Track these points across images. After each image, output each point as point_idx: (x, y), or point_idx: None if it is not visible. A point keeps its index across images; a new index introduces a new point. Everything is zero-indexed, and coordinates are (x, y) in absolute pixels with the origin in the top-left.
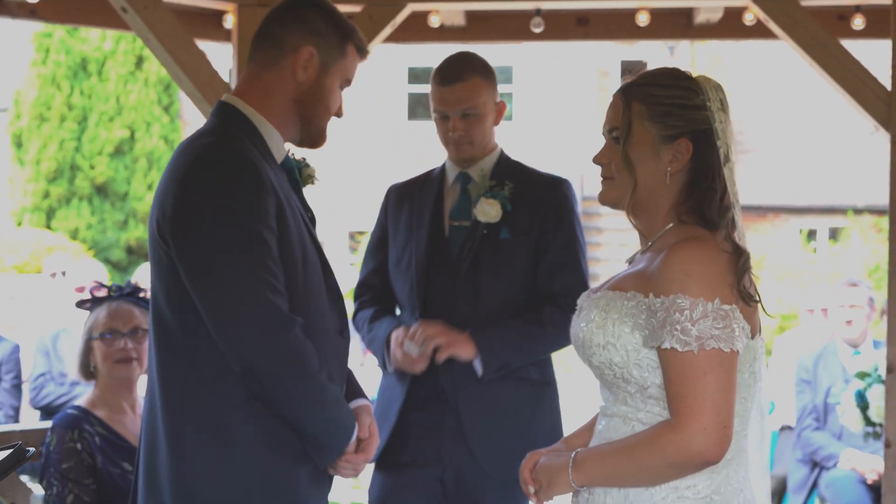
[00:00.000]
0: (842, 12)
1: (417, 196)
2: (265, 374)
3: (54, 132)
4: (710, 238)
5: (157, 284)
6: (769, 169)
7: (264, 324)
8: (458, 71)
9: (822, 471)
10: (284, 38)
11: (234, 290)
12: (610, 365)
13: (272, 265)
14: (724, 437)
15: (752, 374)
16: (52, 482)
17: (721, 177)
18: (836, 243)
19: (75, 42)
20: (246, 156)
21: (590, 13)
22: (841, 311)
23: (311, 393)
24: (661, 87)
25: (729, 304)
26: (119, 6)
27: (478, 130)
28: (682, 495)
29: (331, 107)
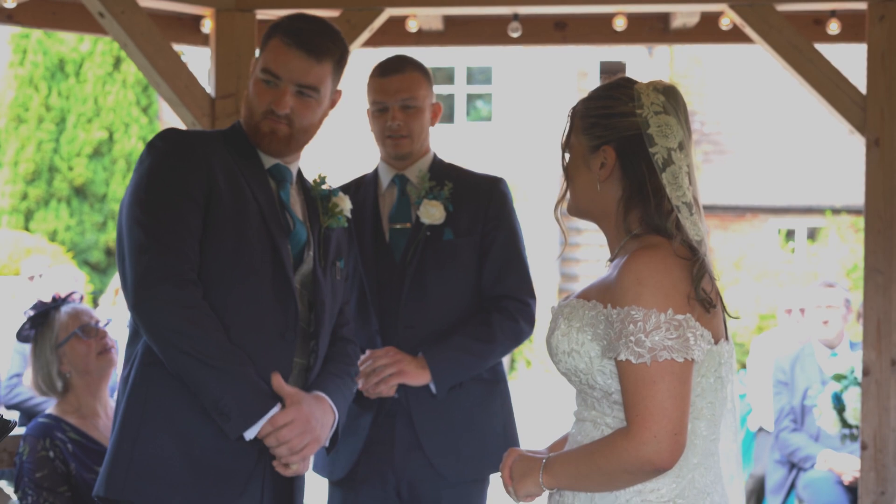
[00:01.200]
0: (817, 17)
1: (355, 200)
2: (143, 329)
3: (32, 133)
4: (667, 245)
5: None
6: (748, 169)
7: (137, 276)
8: (397, 64)
9: (800, 472)
10: None
11: (129, 241)
12: (575, 372)
13: (177, 225)
14: (675, 444)
15: (719, 379)
16: (26, 492)
17: (654, 183)
18: (815, 243)
19: (53, 43)
20: (184, 136)
21: (567, 17)
22: (817, 311)
23: (192, 349)
24: (592, 98)
25: (683, 314)
26: (96, 11)
27: (416, 124)
28: (645, 499)
29: (254, 102)
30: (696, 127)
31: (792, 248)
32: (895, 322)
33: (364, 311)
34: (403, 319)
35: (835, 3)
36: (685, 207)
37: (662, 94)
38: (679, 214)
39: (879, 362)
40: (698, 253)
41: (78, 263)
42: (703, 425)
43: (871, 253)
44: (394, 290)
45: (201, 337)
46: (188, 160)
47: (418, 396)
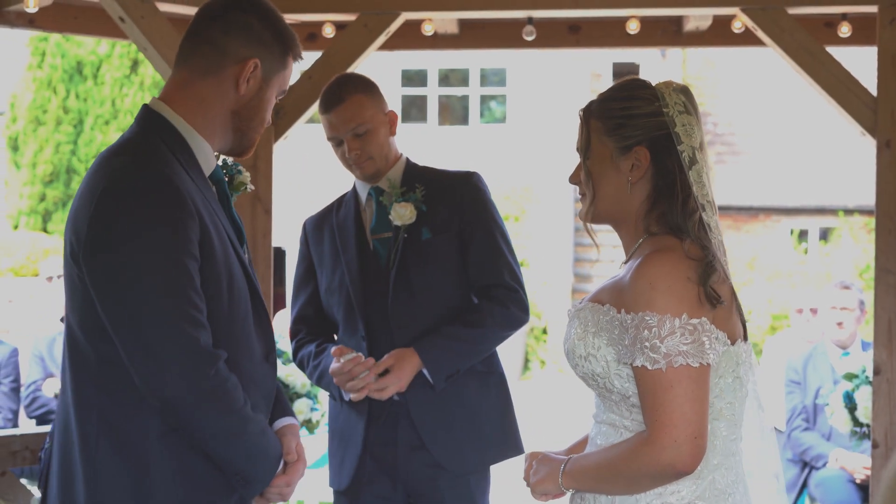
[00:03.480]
0: (828, 20)
1: (335, 221)
2: (184, 411)
3: (50, 136)
4: (678, 248)
5: (71, 309)
6: (760, 170)
7: (183, 361)
8: (337, 94)
9: (812, 470)
10: (228, 46)
11: (152, 324)
12: (593, 376)
13: (194, 296)
14: (695, 447)
15: (738, 379)
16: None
17: (683, 181)
18: (827, 244)
19: (71, 46)
20: (165, 177)
21: (581, 21)
22: (832, 312)
23: (234, 428)
24: (614, 100)
25: (697, 318)
26: (117, 16)
27: (373, 145)
28: (666, 501)
29: (265, 119)
30: (709, 128)
31: (805, 248)
32: None
33: (352, 321)
34: (394, 320)
35: (846, 7)
36: (709, 206)
37: (682, 94)
38: (704, 213)
39: (890, 362)
40: (708, 252)
41: None
42: (722, 426)
43: (882, 253)
44: (381, 294)
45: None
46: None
47: (417, 396)
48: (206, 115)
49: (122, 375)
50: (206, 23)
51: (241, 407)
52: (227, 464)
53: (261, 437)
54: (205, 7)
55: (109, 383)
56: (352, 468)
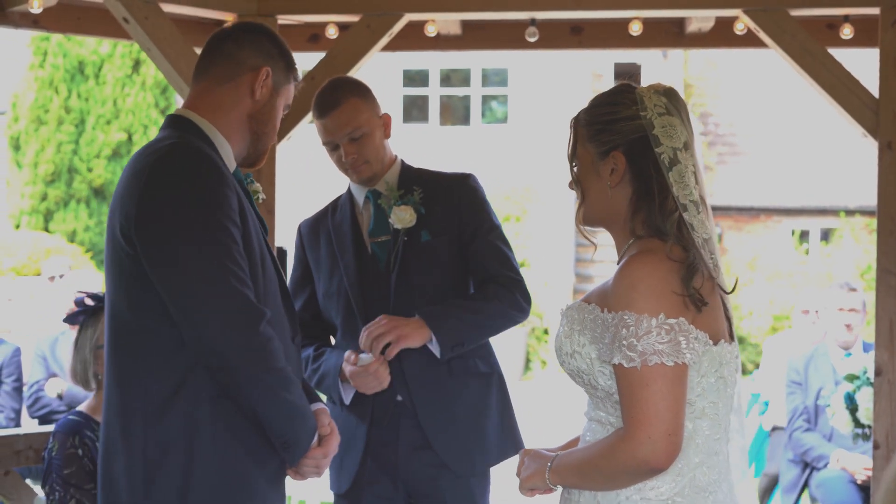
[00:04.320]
0: (831, 22)
1: (331, 225)
2: (234, 365)
3: (52, 135)
4: (661, 250)
5: (117, 292)
6: (762, 170)
7: (233, 313)
8: (332, 99)
9: (813, 471)
10: (242, 56)
11: (203, 281)
12: (578, 373)
13: (238, 257)
14: (670, 445)
15: (721, 379)
16: (54, 487)
17: (660, 182)
18: (828, 244)
19: (72, 46)
20: (205, 154)
21: (583, 22)
22: (839, 314)
23: (278, 385)
24: (596, 107)
25: (675, 318)
26: (120, 16)
27: (369, 149)
28: (645, 496)
29: (276, 126)
30: (711, 129)
31: (806, 249)
32: None
33: (352, 326)
34: None
35: (848, 9)
36: (692, 206)
37: (664, 96)
38: (686, 213)
39: (892, 362)
40: (690, 252)
41: (97, 264)
42: (705, 425)
43: (884, 254)
44: (382, 297)
45: (288, 374)
46: (223, 182)
47: (421, 395)
48: (227, 118)
49: (169, 350)
50: (219, 41)
51: (284, 367)
52: (270, 424)
53: (301, 400)
54: (217, 31)
55: (156, 359)
56: (352, 471)
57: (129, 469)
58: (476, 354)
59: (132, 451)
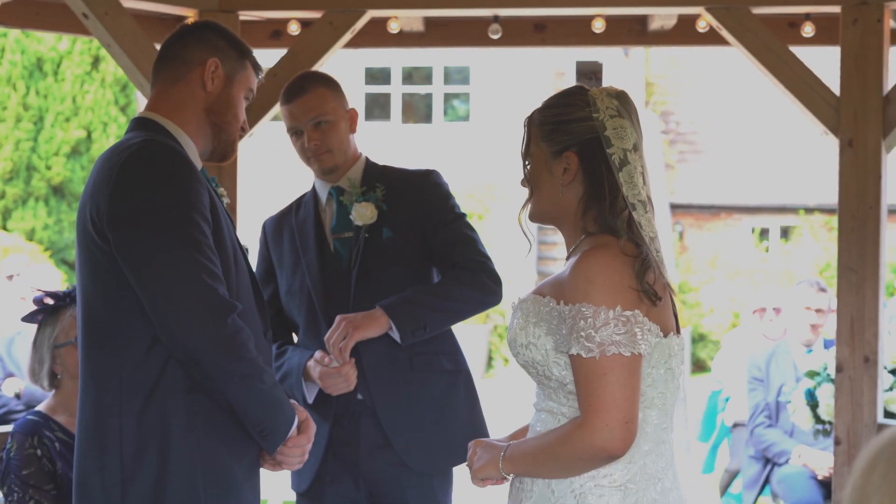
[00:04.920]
0: (792, 20)
1: (294, 221)
2: (208, 359)
3: (10, 132)
4: (615, 245)
5: (91, 288)
6: (722, 169)
7: (205, 308)
8: (299, 86)
9: (775, 467)
10: (187, 54)
11: (174, 276)
12: (533, 364)
13: (209, 252)
14: (626, 431)
15: (669, 370)
16: (12, 488)
17: (611, 182)
18: (788, 242)
19: (31, 42)
20: (176, 150)
21: (547, 20)
22: (805, 313)
23: (252, 375)
24: (550, 107)
25: (630, 310)
26: (80, 12)
27: (333, 138)
28: (599, 483)
29: (239, 115)
30: (672, 127)
31: (766, 247)
32: (868, 319)
33: (314, 324)
34: None
35: (809, 7)
36: (640, 205)
37: (616, 99)
38: (634, 212)
39: (853, 359)
40: (642, 249)
41: (56, 262)
42: (654, 414)
43: (845, 251)
44: (342, 295)
45: (260, 364)
46: (193, 177)
47: (382, 393)
48: (185, 116)
49: (143, 344)
50: (168, 45)
51: (256, 357)
52: (246, 413)
53: (276, 388)
54: (167, 37)
55: (131, 353)
56: (313, 470)
57: (105, 467)
58: (441, 352)
59: (108, 449)
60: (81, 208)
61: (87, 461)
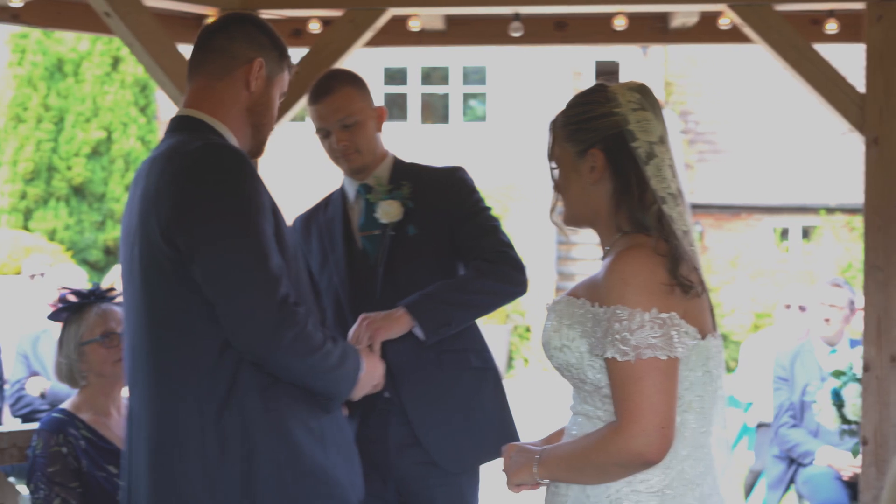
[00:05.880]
0: (815, 17)
1: (323, 219)
2: (274, 363)
3: (31, 133)
4: (648, 244)
5: (157, 298)
6: (742, 168)
7: (276, 309)
8: (326, 86)
9: (799, 467)
10: (234, 50)
11: (246, 279)
12: (567, 367)
13: (276, 253)
14: (663, 437)
15: (707, 373)
16: (38, 486)
17: (638, 176)
18: (809, 242)
19: (51, 43)
20: (238, 152)
21: (568, 17)
22: (821, 308)
23: (317, 366)
24: (572, 107)
25: (667, 312)
26: (102, 11)
27: (361, 138)
28: (635, 489)
29: (274, 116)
30: (691, 127)
31: (787, 247)
32: (895, 318)
33: (341, 321)
34: None
35: (833, 3)
36: (671, 198)
37: (637, 93)
38: (664, 206)
39: (880, 358)
40: (672, 243)
41: (77, 262)
42: (692, 418)
43: (871, 250)
44: (369, 293)
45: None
46: (257, 178)
47: (410, 391)
48: (229, 114)
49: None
50: (210, 35)
51: (321, 345)
52: (316, 390)
53: (340, 366)
54: (206, 25)
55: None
56: None
57: (186, 473)
58: (470, 349)
59: (189, 456)
60: (143, 218)
61: (162, 471)
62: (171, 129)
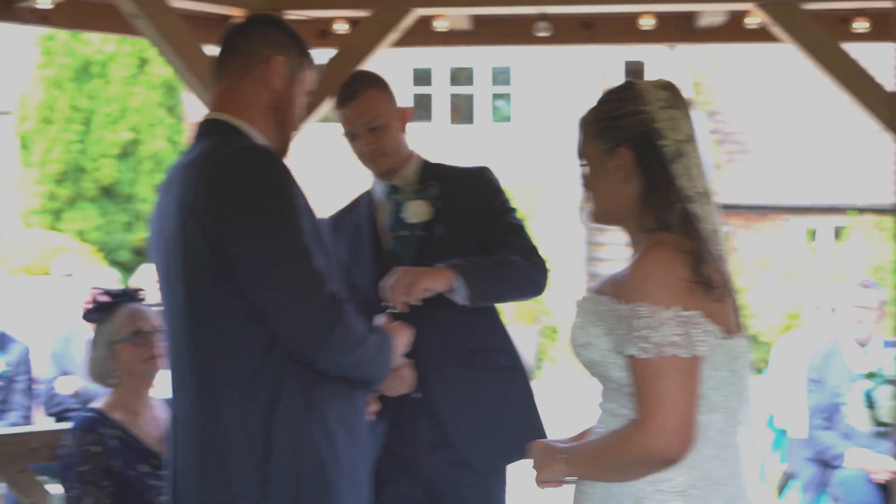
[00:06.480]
0: (844, 15)
1: (351, 220)
2: (320, 362)
3: (59, 134)
4: (672, 242)
5: (199, 302)
6: (771, 169)
7: (322, 307)
8: (351, 89)
9: (832, 470)
10: (253, 49)
11: (290, 279)
12: (592, 364)
13: (315, 252)
14: (683, 436)
15: (734, 373)
16: (70, 484)
17: (664, 175)
18: (839, 243)
19: (78, 45)
20: (274, 153)
21: (594, 17)
22: (851, 310)
23: (360, 357)
24: (600, 104)
25: (689, 310)
26: (129, 12)
27: (387, 140)
28: (659, 488)
29: (299, 115)
30: (719, 127)
31: (816, 247)
32: None
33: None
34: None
35: (862, 2)
36: (698, 197)
37: (666, 91)
38: (691, 204)
39: None
40: (696, 242)
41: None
42: (718, 418)
43: None
44: None
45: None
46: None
47: (440, 392)
48: (254, 114)
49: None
50: (231, 37)
51: (364, 338)
52: (353, 378)
53: (379, 353)
54: (228, 28)
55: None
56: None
57: (236, 478)
58: (499, 348)
59: (235, 460)
60: (181, 222)
61: (213, 475)
62: (200, 134)
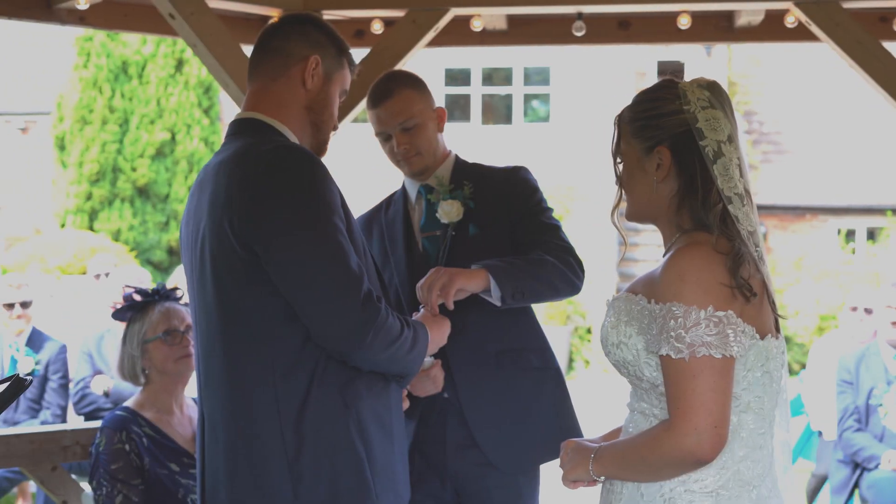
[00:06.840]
0: (884, 14)
1: (384, 220)
2: (355, 360)
3: (96, 135)
4: (708, 242)
5: (232, 301)
6: (807, 169)
7: (358, 305)
8: (386, 88)
9: (864, 472)
10: (289, 49)
11: (326, 279)
12: (624, 363)
13: (351, 251)
14: (716, 437)
15: (767, 374)
16: (101, 483)
17: (704, 175)
18: (875, 244)
19: (116, 46)
20: (310, 152)
21: (631, 17)
22: (888, 312)
23: (395, 354)
24: (639, 103)
25: (723, 311)
26: (167, 13)
27: (422, 140)
28: (689, 488)
29: (335, 114)
30: (755, 127)
31: (852, 248)
32: None
33: None
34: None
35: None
36: (737, 198)
37: (707, 90)
38: (730, 205)
39: None
40: (735, 243)
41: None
42: (750, 419)
43: None
44: None
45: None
46: (329, 177)
47: (468, 391)
48: (289, 114)
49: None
50: (267, 37)
51: (399, 334)
52: (388, 372)
53: (413, 348)
54: (265, 28)
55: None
56: None
57: (271, 474)
58: (530, 349)
59: (268, 458)
60: (214, 220)
61: (244, 472)
62: (233, 133)
